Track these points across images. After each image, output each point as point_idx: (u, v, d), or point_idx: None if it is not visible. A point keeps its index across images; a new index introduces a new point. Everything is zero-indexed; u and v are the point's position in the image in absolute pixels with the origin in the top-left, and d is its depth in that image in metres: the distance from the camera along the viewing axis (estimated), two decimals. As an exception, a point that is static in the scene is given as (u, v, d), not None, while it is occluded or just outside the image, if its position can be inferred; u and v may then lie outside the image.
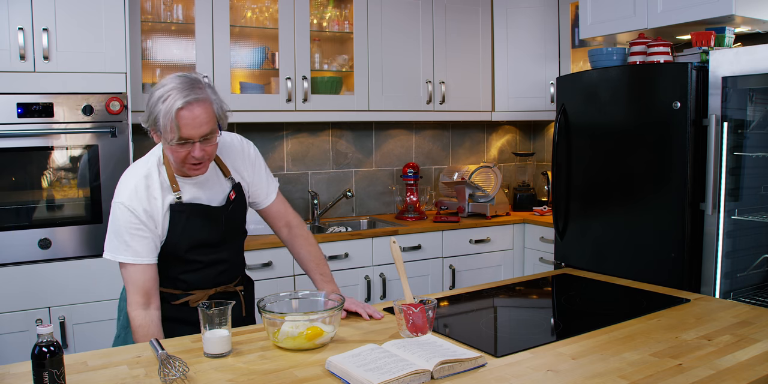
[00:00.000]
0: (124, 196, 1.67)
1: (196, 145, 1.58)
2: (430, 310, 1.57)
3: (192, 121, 1.55)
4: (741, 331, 1.60)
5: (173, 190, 1.69)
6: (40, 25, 2.50)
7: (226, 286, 1.84)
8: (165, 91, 1.55)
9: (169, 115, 1.53)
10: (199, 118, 1.55)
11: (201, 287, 1.79)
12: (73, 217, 2.60)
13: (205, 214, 1.74)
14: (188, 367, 1.35)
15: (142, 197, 1.66)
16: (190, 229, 1.71)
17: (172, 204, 1.69)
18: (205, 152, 1.61)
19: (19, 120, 2.47)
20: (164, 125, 1.55)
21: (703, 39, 2.69)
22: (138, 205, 1.65)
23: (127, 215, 1.65)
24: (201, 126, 1.56)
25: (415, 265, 3.35)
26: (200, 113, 1.55)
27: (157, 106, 1.55)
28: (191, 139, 1.57)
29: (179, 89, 1.55)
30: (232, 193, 1.79)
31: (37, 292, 2.52)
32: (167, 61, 3.16)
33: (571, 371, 1.36)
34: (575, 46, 3.69)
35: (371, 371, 1.29)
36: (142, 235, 1.65)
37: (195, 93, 1.55)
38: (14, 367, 1.41)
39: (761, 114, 2.62)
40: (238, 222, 1.86)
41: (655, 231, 2.73)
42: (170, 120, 1.53)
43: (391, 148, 3.98)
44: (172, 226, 1.70)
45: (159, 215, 1.68)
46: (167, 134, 1.56)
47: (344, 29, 3.49)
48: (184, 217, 1.70)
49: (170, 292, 1.78)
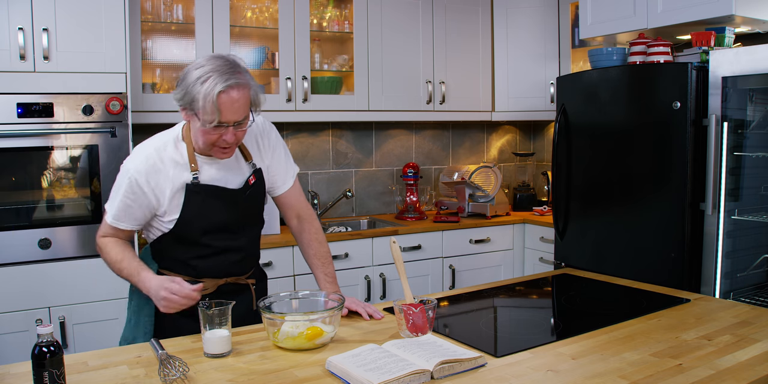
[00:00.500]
0: (132, 163, 1.66)
1: (229, 129, 1.58)
2: (430, 310, 1.57)
3: (231, 106, 1.54)
4: (741, 331, 1.60)
5: (191, 169, 1.67)
6: (40, 25, 2.50)
7: (237, 277, 1.81)
8: (204, 72, 1.54)
9: (209, 98, 1.52)
10: (238, 102, 1.55)
11: (211, 275, 1.76)
12: (73, 217, 2.60)
13: (222, 196, 1.71)
14: (188, 367, 1.35)
15: (149, 170, 1.65)
16: (205, 212, 1.69)
17: (188, 184, 1.67)
18: (236, 137, 1.61)
19: (19, 120, 2.47)
20: (203, 107, 1.53)
21: (703, 39, 2.69)
22: (143, 178, 1.64)
23: (127, 182, 1.65)
24: (239, 111, 1.56)
25: (415, 265, 3.35)
26: (239, 98, 1.55)
27: (196, 86, 1.53)
28: (227, 123, 1.57)
29: (220, 72, 1.53)
30: (252, 178, 1.77)
31: (37, 292, 2.52)
32: (167, 61, 3.16)
33: (571, 371, 1.36)
34: (575, 46, 3.69)
35: (371, 371, 1.29)
36: (131, 205, 1.66)
37: (236, 77, 1.54)
38: (14, 367, 1.41)
39: (761, 114, 2.62)
40: (255, 209, 1.82)
41: (655, 231, 2.73)
42: (210, 103, 1.52)
43: (391, 148, 3.98)
44: (187, 207, 1.67)
45: (166, 191, 1.66)
46: (205, 116, 1.55)
47: (344, 29, 3.49)
48: (200, 198, 1.68)
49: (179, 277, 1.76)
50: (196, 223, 1.69)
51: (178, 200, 1.67)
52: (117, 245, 1.69)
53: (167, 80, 3.19)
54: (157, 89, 3.13)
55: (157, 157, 1.67)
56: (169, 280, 1.55)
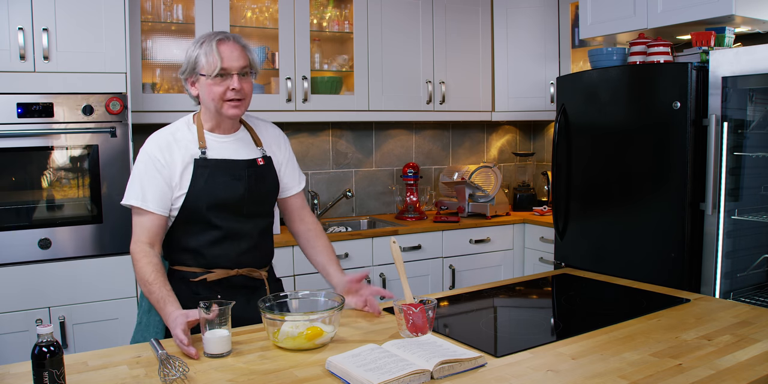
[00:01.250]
0: (147, 145, 1.76)
1: (234, 77, 1.71)
2: (430, 310, 1.57)
3: (230, 53, 1.71)
4: (741, 331, 1.60)
5: (200, 146, 1.76)
6: (40, 25, 2.50)
7: (250, 269, 1.83)
8: (201, 38, 1.74)
9: (209, 49, 1.69)
10: (235, 51, 1.72)
11: (223, 265, 1.79)
12: (73, 217, 2.60)
13: (228, 169, 1.77)
14: (188, 367, 1.35)
15: (163, 147, 1.74)
16: (212, 185, 1.74)
17: (197, 159, 1.75)
18: (243, 88, 1.73)
19: (19, 120, 2.47)
20: (206, 61, 1.70)
21: (703, 39, 2.69)
22: (159, 153, 1.73)
23: (146, 160, 1.74)
24: (239, 59, 1.72)
25: (415, 265, 3.35)
26: (236, 48, 1.73)
27: (195, 49, 1.72)
28: (230, 71, 1.70)
29: (214, 33, 1.74)
30: (260, 159, 1.84)
31: (37, 292, 2.52)
32: (167, 61, 3.16)
33: (571, 371, 1.36)
34: (575, 46, 3.70)
35: (371, 371, 1.29)
36: (153, 176, 1.72)
37: (230, 34, 1.75)
38: (14, 367, 1.41)
39: (761, 114, 2.62)
40: (264, 192, 1.85)
41: (655, 231, 2.73)
42: (211, 53, 1.69)
43: (391, 148, 3.98)
44: (194, 181, 1.74)
45: (179, 167, 1.73)
46: (208, 67, 1.69)
47: (344, 29, 3.49)
48: (207, 171, 1.75)
49: (190, 271, 1.78)
50: (202, 197, 1.73)
51: (187, 175, 1.74)
52: (150, 264, 1.68)
53: (167, 80, 3.19)
54: (157, 89, 3.13)
55: (171, 137, 1.77)
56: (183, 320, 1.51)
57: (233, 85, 1.71)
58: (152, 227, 1.73)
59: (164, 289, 1.63)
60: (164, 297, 1.61)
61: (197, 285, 1.78)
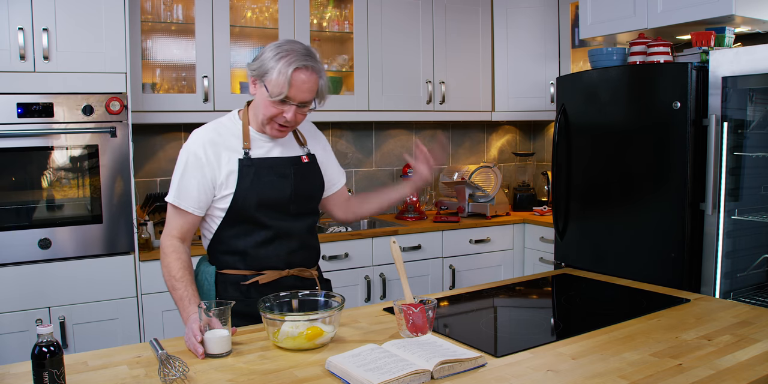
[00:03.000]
0: (190, 141, 1.75)
1: (292, 107, 1.68)
2: (430, 310, 1.57)
3: (302, 85, 1.65)
4: (741, 331, 1.60)
5: (244, 146, 1.74)
6: (40, 25, 2.49)
7: (301, 268, 1.82)
8: (284, 50, 1.65)
9: (284, 72, 1.62)
10: (308, 83, 1.66)
11: (273, 266, 1.78)
12: (73, 217, 2.60)
13: (274, 167, 1.76)
14: (188, 367, 1.35)
15: (206, 143, 1.72)
16: (258, 185, 1.73)
17: (241, 159, 1.73)
18: (296, 119, 1.71)
19: (19, 120, 2.47)
20: (276, 80, 1.63)
21: (703, 39, 2.69)
22: (201, 150, 1.72)
23: (186, 158, 1.73)
24: (306, 92, 1.67)
25: (415, 265, 3.35)
26: (310, 80, 1.66)
27: (273, 60, 1.64)
28: (292, 101, 1.67)
29: (299, 53, 1.65)
30: (304, 157, 1.84)
31: (37, 292, 2.52)
32: (167, 61, 3.16)
33: (571, 371, 1.36)
34: (575, 46, 3.69)
35: (371, 371, 1.29)
36: (193, 175, 1.71)
37: (312, 61, 1.67)
38: (14, 367, 1.41)
39: (761, 114, 2.61)
40: (310, 190, 1.85)
41: (655, 231, 2.73)
42: (284, 77, 1.62)
43: (391, 148, 3.98)
44: (240, 182, 1.72)
45: (223, 165, 1.72)
46: (274, 89, 1.64)
47: (344, 29, 3.49)
48: (253, 171, 1.73)
49: (240, 274, 1.77)
50: (250, 197, 1.72)
51: (233, 175, 1.73)
52: (179, 261, 1.70)
53: (167, 80, 3.19)
54: (157, 89, 3.13)
55: (214, 132, 1.76)
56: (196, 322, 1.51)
57: (288, 115, 1.68)
58: (185, 224, 1.75)
59: (190, 288, 1.64)
60: (189, 296, 1.63)
61: (248, 288, 1.77)
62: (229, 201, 1.73)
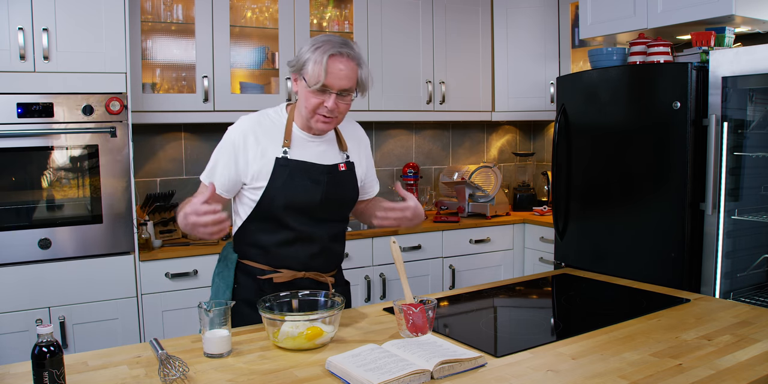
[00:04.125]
0: (234, 128, 1.76)
1: (332, 96, 1.66)
2: (430, 310, 1.57)
3: (338, 71, 1.64)
4: (741, 331, 1.60)
5: (283, 144, 1.74)
6: (40, 25, 2.49)
7: (317, 273, 1.83)
8: (320, 42, 1.66)
9: (320, 61, 1.63)
10: (345, 70, 1.65)
11: (291, 266, 1.79)
12: (73, 217, 2.60)
13: (308, 172, 1.75)
14: (188, 367, 1.35)
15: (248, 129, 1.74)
16: (290, 186, 1.73)
17: (278, 157, 1.73)
18: (337, 107, 1.69)
19: (19, 120, 2.47)
20: (312, 69, 1.64)
21: (703, 39, 2.69)
22: (241, 138, 1.73)
23: (226, 142, 1.75)
24: (344, 79, 1.65)
25: (415, 265, 3.35)
26: (347, 66, 1.65)
27: (309, 52, 1.66)
28: (330, 89, 1.65)
29: (334, 42, 1.66)
30: (342, 165, 1.82)
31: (37, 292, 2.52)
32: (167, 61, 3.16)
33: (571, 371, 1.36)
34: (575, 46, 3.69)
35: (371, 371, 1.29)
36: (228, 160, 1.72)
37: (348, 48, 1.67)
38: (14, 367, 1.41)
39: (761, 114, 2.62)
40: (341, 198, 1.83)
41: (655, 231, 2.73)
42: (320, 64, 1.63)
43: (391, 148, 3.98)
44: (272, 180, 1.72)
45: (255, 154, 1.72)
46: (311, 78, 1.65)
47: (344, 29, 3.49)
48: (287, 171, 1.73)
49: (258, 267, 1.79)
50: (280, 196, 1.72)
51: (267, 169, 1.73)
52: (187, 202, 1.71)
53: (167, 80, 3.19)
54: (157, 89, 3.13)
55: (258, 123, 1.76)
56: (190, 203, 1.54)
57: (328, 103, 1.67)
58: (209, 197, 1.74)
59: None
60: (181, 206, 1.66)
61: (263, 282, 1.79)
62: (259, 194, 1.74)
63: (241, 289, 1.80)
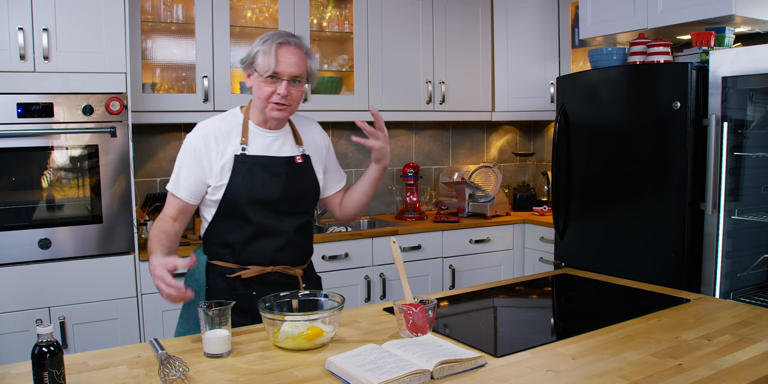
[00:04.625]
0: (192, 134, 1.81)
1: (283, 83, 1.74)
2: (430, 310, 1.57)
3: (286, 59, 1.73)
4: (741, 331, 1.60)
5: (241, 142, 1.79)
6: (40, 25, 2.49)
7: (285, 266, 1.85)
8: (267, 35, 1.77)
9: (269, 50, 1.72)
10: (292, 58, 1.74)
11: (258, 262, 1.82)
12: (73, 217, 2.60)
13: (267, 166, 1.79)
14: (188, 367, 1.35)
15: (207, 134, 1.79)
16: (250, 181, 1.77)
17: (237, 154, 1.78)
18: (290, 94, 1.76)
19: (19, 120, 2.47)
20: (262, 60, 1.73)
21: (703, 39, 2.69)
22: (201, 142, 1.78)
23: (187, 149, 1.79)
24: (293, 66, 1.74)
25: (415, 265, 3.35)
26: (294, 54, 1.75)
27: (258, 46, 1.75)
28: (281, 76, 1.73)
29: (281, 34, 1.77)
30: (299, 158, 1.86)
31: (37, 292, 2.52)
32: (167, 61, 3.16)
33: (571, 371, 1.36)
34: (575, 46, 3.69)
35: (371, 371, 1.29)
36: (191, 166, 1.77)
37: (295, 38, 1.78)
38: (14, 367, 1.41)
39: (761, 114, 2.61)
40: (301, 191, 1.87)
41: (655, 231, 2.73)
42: (269, 54, 1.72)
43: (391, 148, 3.97)
44: (233, 176, 1.77)
45: (216, 155, 1.77)
46: (262, 67, 1.73)
47: (344, 29, 3.49)
48: (247, 167, 1.78)
49: (227, 266, 1.82)
50: (241, 192, 1.77)
51: (227, 167, 1.78)
52: (158, 228, 1.76)
53: (167, 80, 3.19)
54: (157, 89, 3.13)
55: (216, 125, 1.82)
56: (161, 266, 1.52)
57: (280, 90, 1.74)
58: (179, 208, 1.80)
59: (157, 244, 1.69)
60: (153, 249, 1.67)
61: (234, 280, 1.82)
62: (221, 193, 1.78)
63: (212, 290, 1.82)
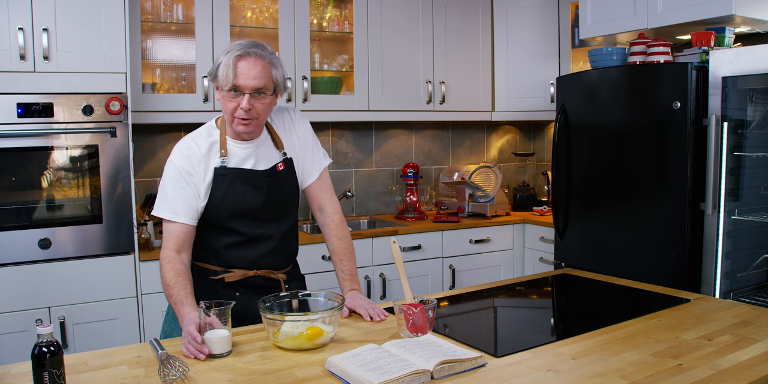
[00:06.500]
0: (174, 155, 1.77)
1: (245, 96, 1.67)
2: (430, 310, 1.57)
3: (246, 72, 1.65)
4: (741, 331, 1.60)
5: (221, 154, 1.75)
6: (40, 25, 2.49)
7: (268, 270, 1.84)
8: (230, 46, 1.69)
9: (227, 63, 1.65)
10: (254, 70, 1.66)
11: (242, 266, 1.80)
12: (73, 217, 2.60)
13: (247, 178, 1.76)
14: (188, 367, 1.35)
15: (187, 157, 1.74)
16: (231, 195, 1.74)
17: (217, 167, 1.75)
18: (254, 108, 1.68)
19: (19, 120, 2.47)
20: (222, 73, 1.66)
21: (703, 39, 2.69)
22: (183, 163, 1.74)
23: (173, 171, 1.75)
24: (255, 78, 1.66)
25: (415, 265, 3.35)
26: (256, 65, 1.66)
27: (220, 57, 1.68)
28: (242, 90, 1.66)
29: (243, 44, 1.68)
30: (280, 165, 1.82)
31: (37, 292, 2.52)
32: (167, 61, 3.16)
33: (571, 371, 1.36)
34: (575, 46, 3.69)
35: (371, 371, 1.29)
36: (183, 187, 1.72)
37: (257, 49, 1.68)
38: (14, 367, 1.41)
39: (761, 114, 2.62)
40: (284, 198, 1.84)
41: (655, 231, 2.73)
42: (228, 67, 1.65)
43: (391, 148, 3.98)
44: (214, 190, 1.74)
45: (201, 175, 1.74)
46: (222, 81, 1.67)
47: (344, 29, 3.49)
48: (227, 181, 1.74)
49: (211, 268, 1.81)
50: (222, 206, 1.74)
51: (209, 183, 1.75)
52: (172, 270, 1.67)
53: (167, 80, 3.19)
54: (157, 89, 3.13)
55: (194, 144, 1.77)
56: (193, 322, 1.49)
57: (242, 104, 1.67)
58: (180, 235, 1.73)
59: (183, 291, 1.63)
60: (182, 299, 1.61)
61: (217, 283, 1.81)
62: (203, 207, 1.75)
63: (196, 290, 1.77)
